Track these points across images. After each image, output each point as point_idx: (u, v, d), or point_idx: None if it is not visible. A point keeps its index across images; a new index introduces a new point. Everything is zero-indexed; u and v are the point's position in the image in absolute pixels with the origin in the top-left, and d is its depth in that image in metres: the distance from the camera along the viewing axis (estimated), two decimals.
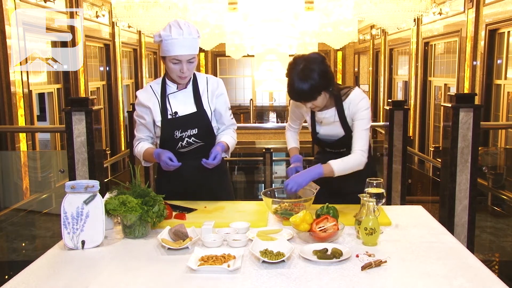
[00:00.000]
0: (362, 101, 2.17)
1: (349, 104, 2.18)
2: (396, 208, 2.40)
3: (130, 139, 3.99)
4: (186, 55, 2.12)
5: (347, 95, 2.19)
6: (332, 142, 2.32)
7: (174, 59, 2.13)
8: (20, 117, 5.42)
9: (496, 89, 6.17)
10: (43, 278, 1.52)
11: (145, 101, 2.28)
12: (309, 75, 2.02)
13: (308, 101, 2.10)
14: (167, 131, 2.25)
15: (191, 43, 2.12)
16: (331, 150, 2.36)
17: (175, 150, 2.24)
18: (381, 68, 10.74)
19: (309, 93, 2.05)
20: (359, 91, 2.22)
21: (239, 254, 1.62)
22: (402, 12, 4.90)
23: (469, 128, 3.17)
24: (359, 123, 2.16)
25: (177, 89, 2.28)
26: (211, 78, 2.36)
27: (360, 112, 2.16)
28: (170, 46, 2.11)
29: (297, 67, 2.06)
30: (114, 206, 1.81)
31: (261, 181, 5.65)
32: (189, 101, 2.27)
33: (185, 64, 2.14)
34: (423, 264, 1.59)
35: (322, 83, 2.05)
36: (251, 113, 12.37)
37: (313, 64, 2.04)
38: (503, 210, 4.60)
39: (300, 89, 2.04)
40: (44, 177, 4.77)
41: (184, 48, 2.11)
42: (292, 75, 2.06)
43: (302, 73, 2.03)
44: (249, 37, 7.77)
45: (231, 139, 2.35)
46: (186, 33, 2.10)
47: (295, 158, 2.40)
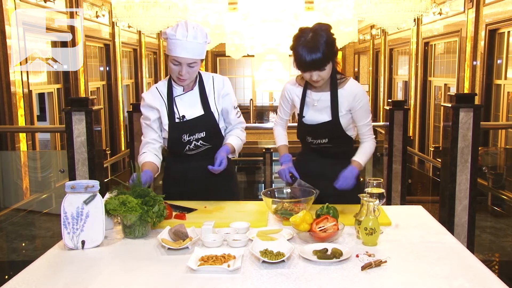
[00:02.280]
0: (361, 92, 2.22)
1: (347, 94, 2.20)
2: (396, 208, 2.40)
3: (130, 139, 3.99)
4: (186, 58, 2.09)
5: (343, 83, 2.21)
6: (315, 128, 2.27)
7: (175, 60, 2.10)
8: (20, 117, 5.42)
9: (496, 89, 6.17)
10: (43, 278, 1.52)
11: (152, 102, 2.23)
12: (319, 43, 2.03)
13: (317, 69, 2.08)
14: (175, 135, 2.22)
15: (194, 47, 2.08)
16: (312, 141, 2.31)
17: (182, 153, 2.22)
18: (381, 68, 10.74)
19: (319, 61, 2.04)
20: (354, 81, 2.25)
21: (239, 254, 1.62)
22: (402, 12, 4.91)
23: (469, 128, 3.17)
24: (363, 114, 2.23)
25: (183, 91, 2.24)
26: (217, 78, 2.32)
27: (361, 104, 2.21)
28: (172, 46, 2.08)
29: (306, 36, 2.06)
30: (114, 206, 1.81)
31: (261, 181, 5.65)
32: (196, 104, 2.24)
33: (185, 67, 2.10)
34: (423, 264, 1.58)
35: (330, 51, 2.07)
36: (251, 113, 12.37)
37: (321, 32, 2.06)
38: (503, 210, 4.60)
39: (310, 58, 2.03)
40: (44, 177, 4.77)
41: (185, 50, 2.07)
42: (301, 45, 2.05)
43: (312, 42, 2.03)
44: (249, 37, 7.77)
45: (237, 139, 2.31)
46: (191, 36, 2.06)
47: (285, 158, 2.36)
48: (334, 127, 2.22)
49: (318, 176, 2.27)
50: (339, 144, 2.30)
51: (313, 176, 2.27)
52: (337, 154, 2.31)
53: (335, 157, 2.31)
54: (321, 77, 2.11)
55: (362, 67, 12.83)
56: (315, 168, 2.34)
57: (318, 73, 2.09)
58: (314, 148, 2.34)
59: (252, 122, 12.23)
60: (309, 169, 2.34)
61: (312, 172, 2.31)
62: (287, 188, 2.22)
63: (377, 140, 2.43)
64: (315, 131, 2.28)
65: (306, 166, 2.36)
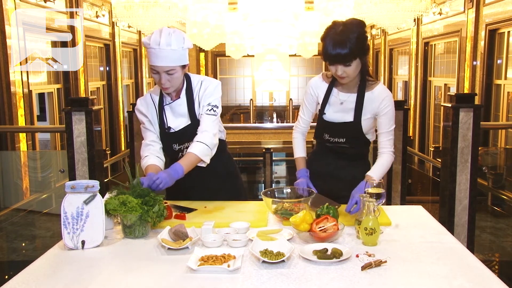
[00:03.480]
0: (389, 98, 2.17)
1: (375, 98, 2.15)
2: (396, 208, 2.40)
3: (130, 139, 3.99)
4: (162, 66, 2.03)
5: (372, 86, 2.17)
6: (335, 127, 2.22)
7: (152, 69, 2.08)
8: (20, 117, 5.42)
9: (496, 89, 6.17)
10: (43, 278, 1.52)
11: (144, 110, 2.24)
12: (348, 37, 1.99)
13: (343, 63, 2.03)
14: (166, 143, 2.24)
15: (168, 54, 2.02)
16: (329, 139, 2.25)
17: (176, 159, 2.20)
18: (381, 68, 10.75)
19: (345, 56, 2.00)
20: (384, 86, 2.21)
21: (239, 254, 1.62)
22: (402, 12, 4.91)
23: (469, 128, 3.17)
24: (386, 122, 2.16)
25: (171, 100, 2.22)
26: (205, 81, 2.22)
27: (387, 110, 2.15)
28: (149, 54, 2.05)
29: (336, 28, 2.02)
30: (114, 206, 1.81)
31: (261, 181, 5.66)
32: (183, 113, 2.21)
33: (164, 75, 2.06)
34: (423, 264, 1.59)
35: (359, 47, 2.02)
36: (251, 113, 12.37)
37: (352, 27, 2.02)
38: (503, 210, 4.60)
39: (335, 51, 2.00)
40: (44, 177, 4.77)
41: (159, 59, 2.02)
42: (330, 37, 2.02)
43: (340, 36, 2.00)
44: (249, 37, 7.77)
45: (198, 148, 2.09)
46: (164, 43, 2.00)
47: (302, 173, 2.28)
48: (355, 129, 2.19)
49: (331, 176, 2.25)
50: (356, 145, 2.25)
51: (324, 176, 2.25)
52: (353, 155, 2.27)
53: (350, 158, 2.27)
54: (346, 73, 2.06)
55: None
56: (328, 168, 2.30)
57: (343, 68, 2.05)
58: (330, 147, 2.28)
59: (252, 122, 12.23)
60: (322, 168, 2.31)
61: (324, 171, 2.29)
62: (287, 188, 2.22)
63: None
64: (334, 129, 2.23)
65: (319, 165, 2.32)
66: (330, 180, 2.21)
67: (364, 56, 2.08)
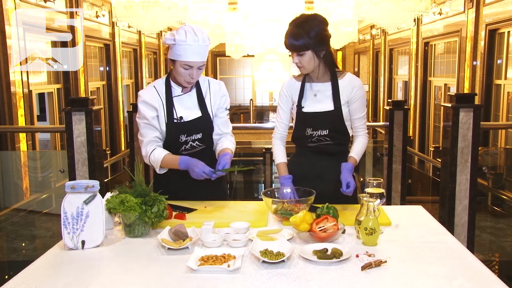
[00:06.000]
0: (360, 84, 2.29)
1: (347, 85, 2.26)
2: (396, 208, 2.40)
3: (130, 139, 3.99)
4: (198, 62, 2.14)
5: (342, 75, 2.28)
6: (316, 117, 2.25)
7: (186, 65, 2.12)
8: (20, 117, 5.42)
9: (496, 89, 6.17)
10: (43, 278, 1.52)
11: (151, 101, 2.22)
12: (304, 27, 2.13)
13: (296, 51, 2.16)
14: (172, 135, 2.23)
15: (204, 50, 2.15)
16: (312, 134, 2.25)
17: (178, 152, 2.23)
18: (381, 68, 10.75)
19: (298, 46, 2.14)
20: (353, 75, 2.33)
21: (239, 254, 1.62)
22: (402, 12, 4.92)
23: (469, 128, 3.17)
24: (360, 107, 2.28)
25: (182, 92, 2.26)
26: (212, 81, 2.36)
27: (359, 95, 2.26)
28: (183, 51, 2.10)
29: (296, 20, 2.18)
30: (113, 204, 1.81)
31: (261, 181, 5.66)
32: (194, 105, 2.27)
33: (195, 70, 2.15)
34: (423, 264, 1.59)
35: (314, 41, 2.14)
36: (251, 113, 12.37)
37: (311, 22, 2.16)
38: (503, 210, 4.60)
39: (291, 39, 2.15)
40: (44, 177, 4.78)
41: (196, 55, 2.12)
42: (290, 27, 2.19)
43: (298, 27, 2.15)
44: (249, 37, 7.77)
45: (233, 145, 2.36)
46: (201, 40, 2.12)
47: (286, 180, 2.26)
48: (336, 117, 2.24)
49: (315, 177, 2.25)
50: (338, 140, 2.27)
51: (310, 178, 2.25)
52: (335, 154, 2.28)
53: (333, 158, 2.28)
54: (301, 63, 2.19)
55: (362, 67, 12.83)
56: (312, 169, 2.29)
57: (298, 57, 2.18)
58: (312, 147, 2.29)
59: (252, 122, 12.24)
60: (306, 170, 2.30)
61: (309, 173, 2.28)
62: (287, 188, 2.22)
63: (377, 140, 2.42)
64: (316, 121, 2.25)
65: (301, 168, 2.32)
66: (316, 181, 2.21)
67: (320, 50, 2.18)
